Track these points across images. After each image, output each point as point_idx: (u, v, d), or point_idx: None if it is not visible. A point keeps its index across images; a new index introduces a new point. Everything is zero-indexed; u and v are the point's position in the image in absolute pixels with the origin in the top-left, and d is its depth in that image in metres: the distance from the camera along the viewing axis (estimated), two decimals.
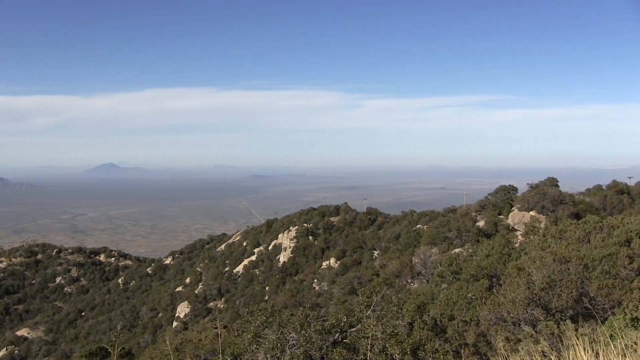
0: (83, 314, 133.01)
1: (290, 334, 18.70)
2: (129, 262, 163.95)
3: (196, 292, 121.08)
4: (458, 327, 26.10)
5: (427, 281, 59.50)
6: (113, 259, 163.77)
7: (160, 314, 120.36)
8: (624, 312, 19.88)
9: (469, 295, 31.69)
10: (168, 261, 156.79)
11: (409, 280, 68.43)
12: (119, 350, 44.20)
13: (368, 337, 18.57)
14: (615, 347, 11.05)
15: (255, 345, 18.66)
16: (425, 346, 20.37)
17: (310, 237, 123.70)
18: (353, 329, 19.57)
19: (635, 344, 11.87)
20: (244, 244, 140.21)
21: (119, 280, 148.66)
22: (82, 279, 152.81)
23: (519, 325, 23.67)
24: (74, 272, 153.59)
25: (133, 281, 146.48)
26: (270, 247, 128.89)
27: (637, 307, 20.09)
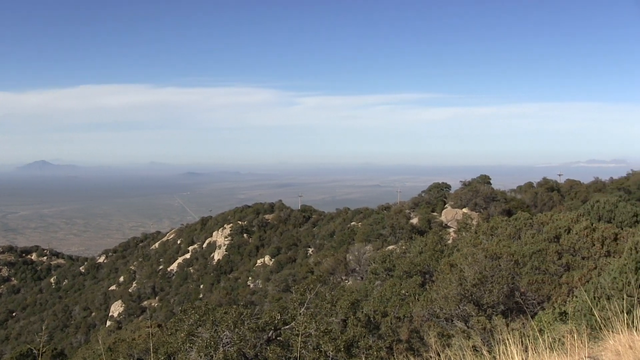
0: (14, 314, 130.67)
1: (224, 332, 18.63)
2: (61, 261, 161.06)
3: (130, 290, 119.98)
4: (391, 323, 26.27)
5: (362, 278, 59.77)
6: (45, 258, 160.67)
7: (93, 314, 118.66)
8: (553, 307, 20.22)
9: (402, 291, 31.90)
10: (101, 260, 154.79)
11: (344, 277, 68.61)
12: (50, 351, 43.69)
13: (302, 335, 18.59)
14: (544, 341, 11.21)
15: (188, 344, 18.55)
16: (359, 343, 20.46)
17: (244, 235, 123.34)
18: (287, 327, 19.57)
19: (563, 337, 12.06)
20: (178, 242, 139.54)
21: (51, 280, 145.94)
22: (13, 278, 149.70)
23: (452, 321, 23.90)
24: (5, 272, 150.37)
25: (66, 280, 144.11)
26: (204, 245, 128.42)
27: (565, 302, 20.47)
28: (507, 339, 10.99)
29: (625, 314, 11.92)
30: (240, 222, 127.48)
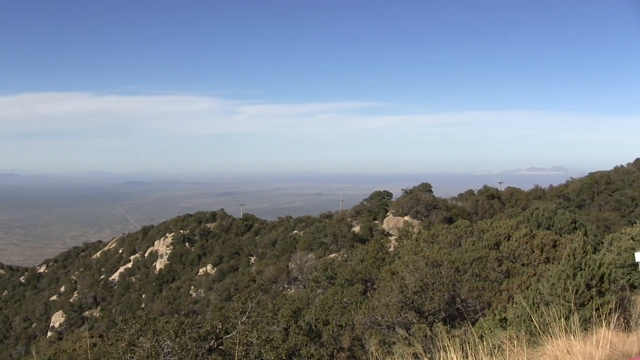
0: None
1: (165, 341, 18.41)
2: (1, 271, 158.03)
3: (71, 300, 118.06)
4: (333, 331, 26.23)
5: (304, 286, 59.69)
6: None
7: (34, 324, 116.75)
8: (494, 313, 20.39)
9: (344, 299, 31.92)
10: (42, 270, 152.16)
11: (286, 286, 68.52)
12: None
13: (243, 344, 18.47)
14: (484, 348, 11.27)
15: (129, 354, 18.29)
16: (301, 351, 20.44)
17: (186, 244, 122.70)
18: (228, 336, 19.43)
19: (503, 343, 12.14)
20: (120, 251, 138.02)
21: None
22: None
23: (394, 328, 23.93)
24: None
25: (5, 291, 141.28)
26: (146, 254, 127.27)
27: (505, 308, 20.64)
28: (448, 346, 11.01)
29: (563, 320, 12.05)
30: (182, 231, 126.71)
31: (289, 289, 66.88)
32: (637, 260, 11.34)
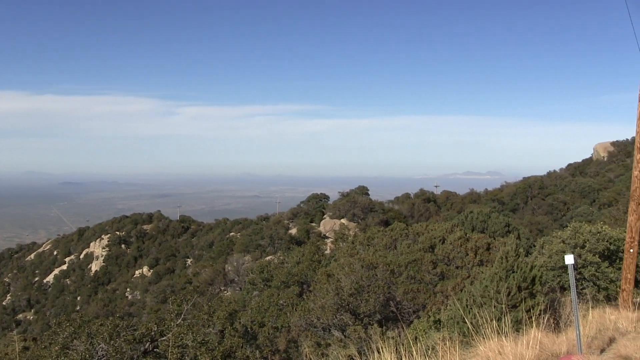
0: None
1: (99, 344, 18.24)
2: None
3: (4, 303, 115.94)
4: (269, 333, 26.26)
5: (240, 288, 59.52)
6: None
7: None
8: (428, 315, 20.59)
9: (280, 302, 31.94)
10: None
11: (222, 288, 68.25)
12: None
13: (179, 346, 18.38)
14: (418, 349, 11.37)
15: (63, 358, 18.06)
16: (236, 353, 20.38)
17: (122, 246, 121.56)
18: (164, 338, 19.30)
19: (437, 344, 12.27)
20: (55, 252, 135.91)
21: None
22: None
23: (329, 330, 24.02)
24: None
25: None
26: (81, 256, 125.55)
27: (439, 310, 20.85)
28: (382, 348, 11.08)
29: (495, 321, 12.22)
30: (118, 233, 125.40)
31: (225, 291, 66.64)
32: (567, 263, 11.51)
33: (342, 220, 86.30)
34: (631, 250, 18.32)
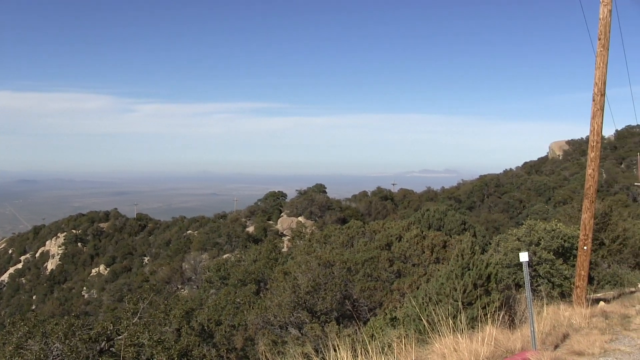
0: None
1: (54, 344, 18.01)
2: None
3: None
4: (226, 332, 26.12)
5: (198, 287, 59.35)
6: None
7: None
8: (385, 313, 20.60)
9: (237, 300, 31.82)
10: None
11: (179, 286, 68.00)
12: None
13: (135, 345, 18.23)
14: (375, 347, 11.37)
15: (17, 358, 17.79)
16: (193, 352, 20.25)
17: (79, 244, 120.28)
18: (120, 337, 19.13)
19: (393, 342, 12.28)
20: (10, 251, 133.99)
21: None
22: None
23: (286, 328, 23.98)
24: None
25: None
26: (37, 255, 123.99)
27: (396, 308, 20.89)
28: (339, 346, 11.05)
29: (451, 319, 12.27)
30: (74, 231, 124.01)
31: (182, 290, 66.42)
32: (521, 261, 11.59)
33: (300, 218, 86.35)
34: (585, 248, 18.51)
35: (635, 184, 74.93)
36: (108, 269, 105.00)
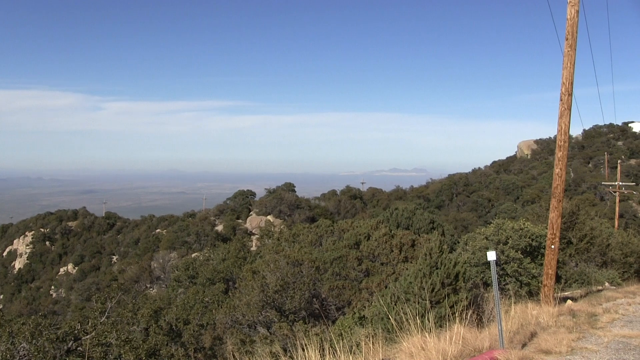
0: None
1: (21, 344, 17.78)
2: None
3: None
4: (194, 331, 25.96)
5: (166, 286, 59.10)
6: None
7: None
8: (353, 312, 20.58)
9: (206, 299, 31.67)
10: None
11: (148, 285, 67.66)
12: None
13: (102, 344, 18.08)
14: (343, 346, 11.33)
15: None
16: (161, 351, 20.12)
17: (47, 243, 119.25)
18: (87, 336, 18.94)
19: (362, 340, 12.25)
20: None
21: None
22: None
23: (255, 327, 23.89)
24: None
25: None
26: (4, 254, 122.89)
27: (364, 307, 20.88)
28: (307, 345, 11.01)
29: (419, 317, 12.27)
30: (42, 230, 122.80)
31: (151, 289, 66.11)
32: (489, 260, 11.61)
33: (269, 217, 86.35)
34: (552, 247, 18.61)
35: (603, 183, 75.62)
36: (76, 267, 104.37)
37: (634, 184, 74.59)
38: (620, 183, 60.60)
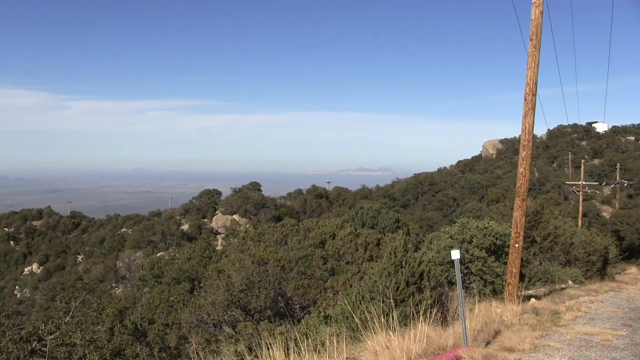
0: None
1: None
2: None
3: None
4: (159, 330, 25.86)
5: (132, 285, 58.82)
6: None
7: None
8: (319, 311, 20.60)
9: (171, 298, 31.57)
10: None
11: (114, 285, 67.23)
12: None
13: (67, 344, 17.96)
14: (308, 345, 11.32)
15: None
16: (126, 351, 20.01)
17: (11, 242, 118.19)
18: (51, 337, 18.79)
19: (327, 339, 12.24)
20: None
21: None
22: None
23: (220, 326, 23.83)
24: None
25: None
26: None
27: (330, 306, 20.90)
28: (272, 344, 10.99)
29: (383, 316, 12.29)
30: (6, 229, 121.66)
31: (116, 288, 65.73)
32: (453, 258, 11.66)
33: (235, 216, 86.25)
34: (516, 245, 18.76)
35: (567, 182, 76.39)
36: (41, 267, 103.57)
37: (597, 183, 75.34)
38: (584, 183, 61.32)
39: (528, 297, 20.47)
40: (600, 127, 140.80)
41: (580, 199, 60.08)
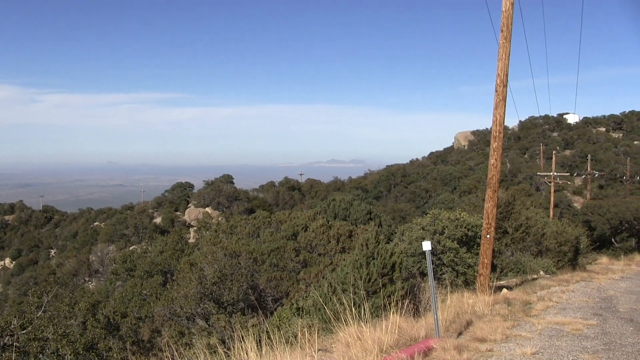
0: None
1: None
2: None
3: None
4: (132, 324, 25.73)
5: (105, 279, 58.65)
6: None
7: None
8: (291, 303, 20.59)
9: (144, 291, 31.44)
10: None
11: (87, 279, 66.91)
12: None
13: (39, 339, 17.85)
14: (280, 337, 11.31)
15: None
16: (99, 345, 19.90)
17: None
18: (24, 331, 18.66)
19: (299, 331, 12.24)
20: None
21: None
22: None
23: (193, 319, 23.78)
24: None
25: None
26: None
27: (302, 298, 20.90)
28: (244, 336, 10.96)
29: (355, 308, 12.29)
30: None
31: (90, 282, 65.44)
32: (424, 249, 11.70)
33: (207, 209, 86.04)
34: (488, 236, 18.84)
35: (538, 173, 76.85)
36: (14, 262, 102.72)
37: (568, 174, 75.84)
38: (555, 174, 61.61)
39: (500, 288, 20.60)
40: (572, 119, 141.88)
41: (552, 190, 60.37)
